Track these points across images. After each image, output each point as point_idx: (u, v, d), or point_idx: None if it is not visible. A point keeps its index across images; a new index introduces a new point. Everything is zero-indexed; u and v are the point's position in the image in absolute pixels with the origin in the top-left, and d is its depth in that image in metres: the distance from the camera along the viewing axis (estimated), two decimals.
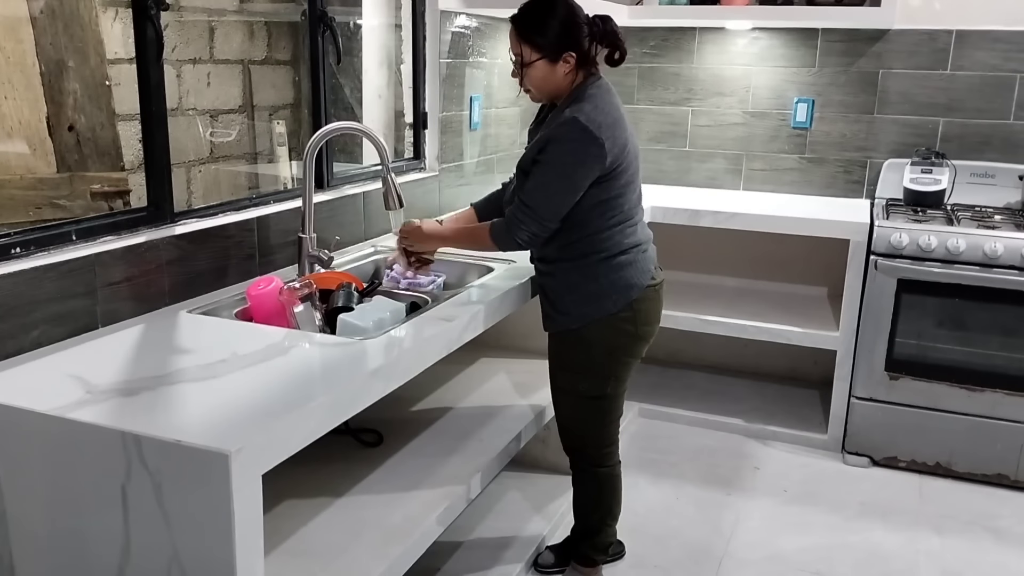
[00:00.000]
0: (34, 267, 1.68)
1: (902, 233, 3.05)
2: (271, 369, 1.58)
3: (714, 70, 3.81)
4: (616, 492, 2.36)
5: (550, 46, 2.03)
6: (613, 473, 2.33)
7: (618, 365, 2.20)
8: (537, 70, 2.07)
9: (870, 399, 3.20)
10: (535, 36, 2.04)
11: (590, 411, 2.24)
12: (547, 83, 2.09)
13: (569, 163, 2.00)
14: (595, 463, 2.32)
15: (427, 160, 3.11)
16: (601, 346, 2.16)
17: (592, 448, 2.30)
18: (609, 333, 2.15)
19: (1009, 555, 2.70)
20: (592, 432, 2.28)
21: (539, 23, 2.03)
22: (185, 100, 2.92)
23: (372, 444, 2.18)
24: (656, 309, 2.22)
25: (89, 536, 1.39)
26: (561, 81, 2.08)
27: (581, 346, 2.17)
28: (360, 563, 1.71)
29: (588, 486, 2.35)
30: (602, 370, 2.19)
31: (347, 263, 2.42)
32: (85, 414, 1.36)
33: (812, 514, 2.90)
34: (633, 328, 2.16)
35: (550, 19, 2.02)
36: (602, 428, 2.27)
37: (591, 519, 2.38)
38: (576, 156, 1.99)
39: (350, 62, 3.16)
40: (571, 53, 2.04)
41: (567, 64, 2.05)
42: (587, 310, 2.13)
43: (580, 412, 2.26)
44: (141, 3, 1.94)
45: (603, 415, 2.25)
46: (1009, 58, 3.40)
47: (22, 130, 2.38)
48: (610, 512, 2.37)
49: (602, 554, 2.44)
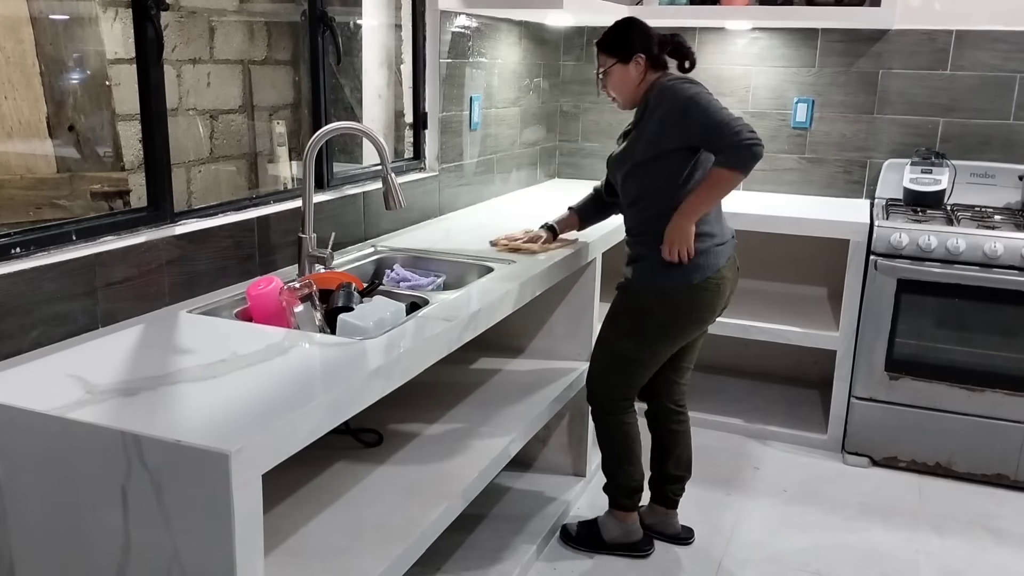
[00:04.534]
0: (34, 267, 1.68)
1: (902, 233, 3.05)
2: (271, 369, 1.58)
3: (714, 70, 3.81)
4: (628, 440, 2.55)
5: (622, 51, 2.36)
6: (625, 421, 2.53)
7: (659, 339, 2.41)
8: (615, 74, 2.38)
9: (870, 399, 3.20)
10: (609, 46, 2.39)
11: (618, 368, 2.47)
12: (624, 83, 2.38)
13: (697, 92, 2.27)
14: (606, 411, 2.53)
15: (427, 160, 3.11)
16: (652, 316, 2.38)
17: (604, 397, 2.52)
18: (660, 305, 2.36)
19: (1009, 555, 2.70)
20: (611, 384, 2.50)
21: (612, 36, 2.39)
22: (185, 100, 2.92)
23: (372, 444, 2.18)
24: (711, 301, 2.38)
25: (89, 536, 1.39)
26: (636, 80, 2.37)
27: (635, 310, 2.41)
28: (360, 563, 1.71)
29: (603, 433, 2.57)
30: (643, 337, 2.41)
31: (347, 263, 2.43)
32: (85, 414, 1.36)
33: (812, 514, 2.90)
34: (689, 310, 2.35)
35: (620, 31, 2.38)
36: (622, 384, 2.49)
37: (609, 464, 2.59)
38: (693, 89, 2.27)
39: (350, 62, 3.16)
40: (640, 55, 2.35)
41: (639, 65, 2.35)
42: (651, 281, 2.37)
43: (610, 365, 2.49)
44: (141, 3, 1.94)
45: (627, 376, 2.47)
46: (1009, 58, 3.40)
47: (22, 130, 2.38)
48: (625, 458, 2.55)
49: (626, 498, 2.60)
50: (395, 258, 2.55)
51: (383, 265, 2.52)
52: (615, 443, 2.55)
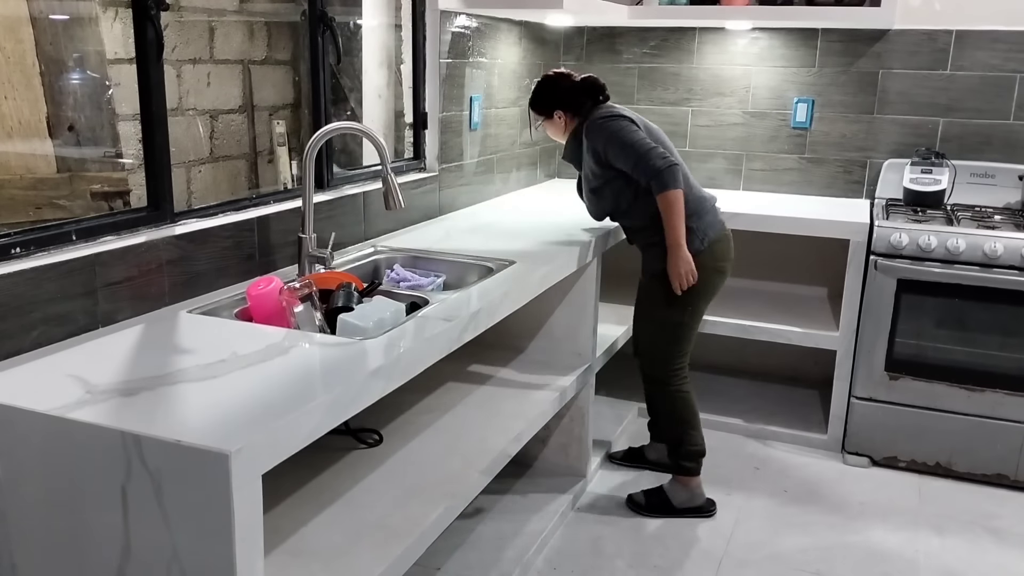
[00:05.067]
0: (34, 267, 1.68)
1: (902, 233, 3.05)
2: (271, 369, 1.58)
3: (714, 70, 3.81)
4: (689, 407, 2.80)
5: (544, 110, 2.77)
6: (683, 389, 2.79)
7: (697, 298, 2.69)
8: (547, 127, 2.81)
9: (870, 399, 3.20)
10: (535, 105, 2.79)
11: (669, 337, 2.74)
12: (555, 132, 2.81)
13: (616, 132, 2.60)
14: (666, 382, 2.78)
15: (427, 160, 3.11)
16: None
17: (663, 368, 2.77)
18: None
19: (1009, 555, 2.70)
20: (667, 354, 2.75)
21: (535, 96, 2.78)
22: (185, 100, 2.92)
23: (372, 444, 2.18)
24: (729, 249, 2.74)
25: (89, 536, 1.39)
26: (563, 127, 2.77)
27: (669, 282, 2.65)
28: (360, 563, 1.71)
29: (663, 404, 2.83)
30: (684, 301, 2.68)
31: (347, 263, 2.43)
32: (85, 414, 1.36)
33: (812, 514, 2.90)
34: (712, 263, 2.66)
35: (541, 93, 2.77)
36: (676, 352, 2.75)
37: (674, 433, 2.82)
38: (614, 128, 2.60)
39: (350, 62, 3.16)
40: (559, 112, 2.74)
41: (560, 118, 2.75)
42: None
43: (661, 337, 2.75)
44: (141, 3, 1.94)
45: (679, 341, 2.75)
46: (1009, 58, 3.40)
47: (22, 130, 2.38)
48: (689, 423, 2.80)
49: (692, 462, 2.83)
50: (395, 258, 2.55)
51: (383, 265, 2.52)
52: (677, 411, 2.79)
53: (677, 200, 2.54)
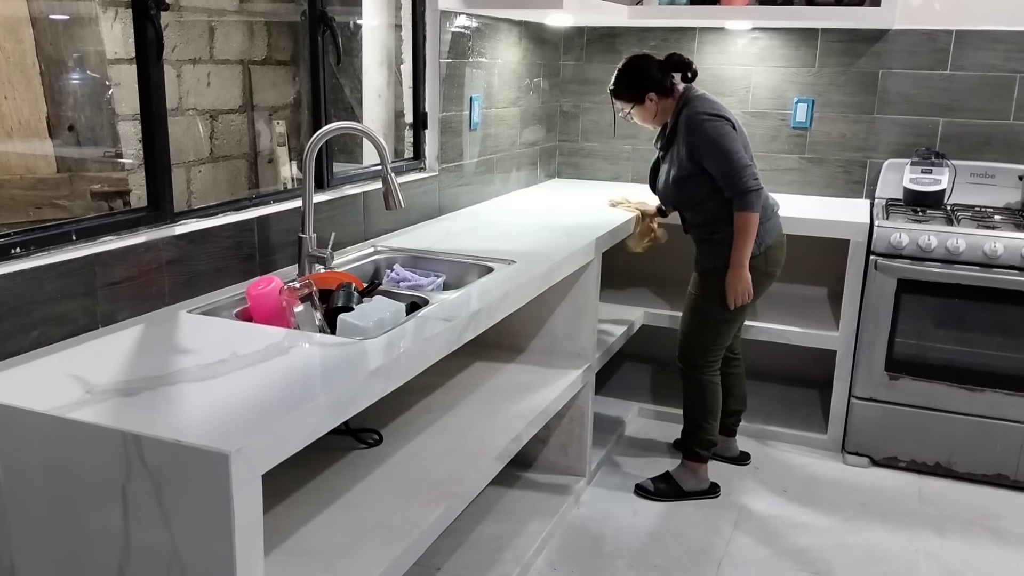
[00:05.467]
0: (34, 267, 1.68)
1: (902, 233, 3.05)
2: (271, 369, 1.58)
3: (714, 70, 3.81)
4: (715, 397, 2.93)
5: (634, 96, 2.76)
6: (712, 381, 2.92)
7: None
8: (636, 114, 2.81)
9: (870, 399, 3.20)
10: (622, 94, 2.78)
11: (712, 330, 2.87)
12: (646, 118, 2.81)
13: (715, 136, 2.65)
14: (700, 370, 2.91)
15: (427, 160, 3.11)
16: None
17: (701, 357, 2.90)
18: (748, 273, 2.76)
19: (1009, 555, 2.70)
20: (707, 345, 2.89)
21: (621, 83, 2.78)
22: (185, 100, 2.92)
23: (372, 444, 2.18)
24: (782, 254, 2.87)
25: (89, 536, 1.39)
26: (654, 112, 2.78)
27: (723, 279, 2.75)
28: (360, 563, 1.71)
29: (692, 390, 2.95)
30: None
31: (347, 263, 2.43)
32: (85, 414, 1.36)
33: (812, 514, 2.90)
34: (764, 267, 2.80)
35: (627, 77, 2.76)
36: (715, 344, 2.89)
37: (695, 419, 2.95)
38: (714, 132, 2.65)
39: (350, 62, 3.16)
40: (651, 94, 2.74)
41: (652, 101, 2.75)
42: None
43: (707, 329, 2.87)
44: (141, 3, 1.94)
45: (719, 335, 2.87)
46: (1009, 58, 3.40)
47: (22, 130, 2.38)
48: (710, 413, 2.93)
49: (704, 450, 2.96)
50: (395, 258, 2.55)
51: (383, 265, 2.52)
52: (703, 399, 2.92)
53: (753, 224, 2.67)
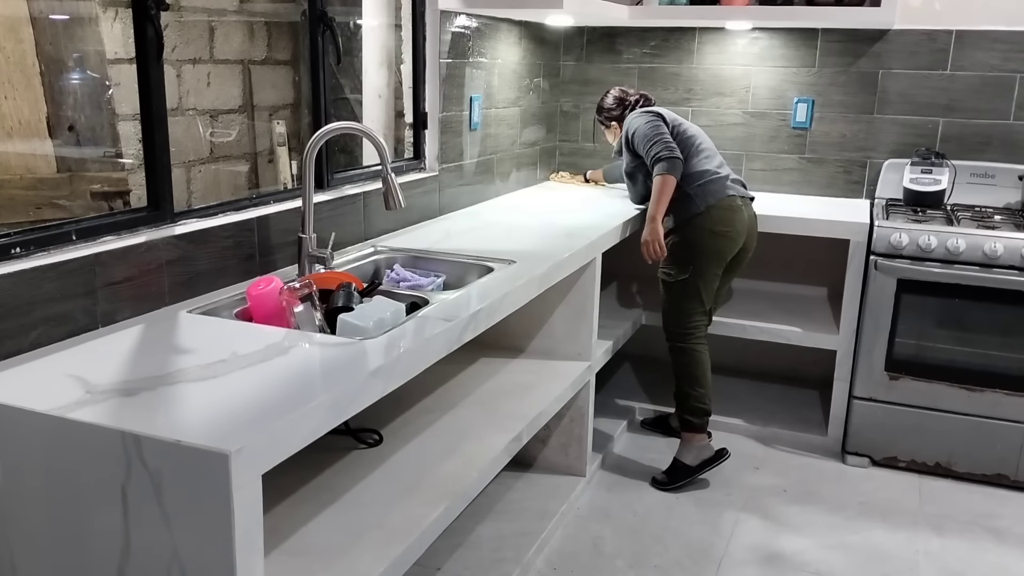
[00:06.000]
0: (34, 267, 1.68)
1: (902, 233, 3.05)
2: (271, 369, 1.58)
3: (714, 70, 3.81)
4: (699, 365, 3.02)
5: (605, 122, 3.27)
6: (694, 349, 3.01)
7: (697, 257, 2.94)
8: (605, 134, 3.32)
9: (870, 399, 3.20)
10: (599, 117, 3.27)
11: (678, 295, 2.99)
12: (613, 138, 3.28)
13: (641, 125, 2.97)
14: (679, 339, 3.02)
15: (427, 160, 3.11)
16: (687, 240, 2.94)
17: (676, 325, 3.02)
18: (691, 230, 2.93)
19: (1009, 555, 2.70)
20: (678, 312, 3.01)
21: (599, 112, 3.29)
22: (185, 100, 2.92)
23: (372, 444, 2.18)
24: (733, 218, 2.94)
25: (89, 536, 1.39)
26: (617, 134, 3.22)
27: (677, 242, 2.96)
28: (360, 563, 1.71)
29: (677, 360, 3.04)
30: (685, 262, 2.95)
31: (347, 263, 2.43)
32: (85, 414, 1.36)
33: (812, 514, 2.90)
34: (710, 225, 2.90)
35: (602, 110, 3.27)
36: (686, 310, 2.99)
37: (681, 388, 3.04)
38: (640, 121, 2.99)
39: (350, 62, 3.16)
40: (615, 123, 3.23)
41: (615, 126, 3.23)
42: (681, 215, 2.94)
43: (672, 296, 3.01)
44: (141, 3, 1.94)
45: (687, 299, 2.98)
46: (1009, 58, 3.40)
47: (22, 130, 2.38)
48: (696, 381, 3.01)
49: (696, 418, 3.02)
50: (395, 258, 2.55)
51: (383, 265, 2.52)
52: (686, 366, 3.01)
53: (667, 185, 2.85)
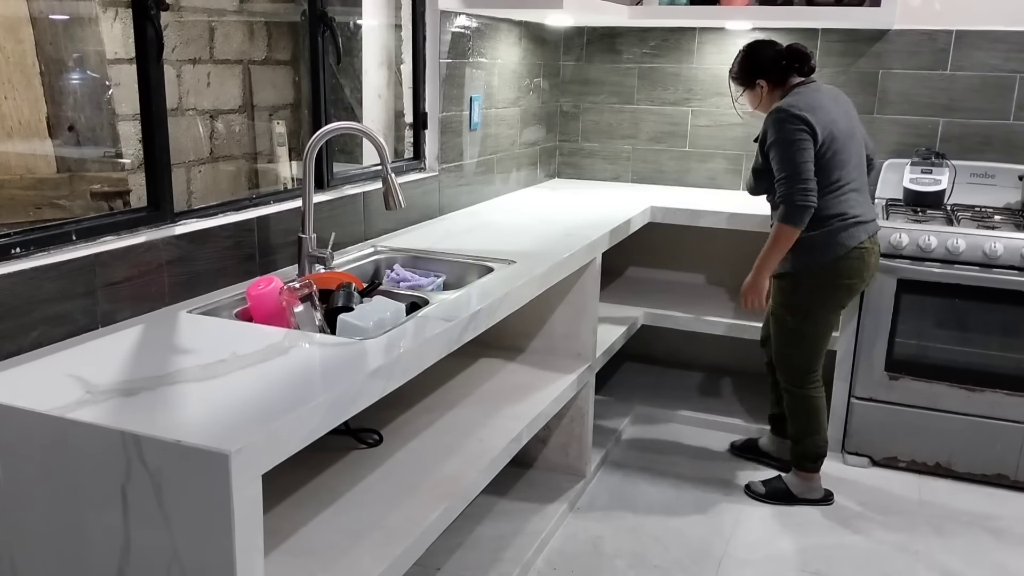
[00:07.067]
0: (34, 267, 1.68)
1: (902, 233, 3.05)
2: (271, 369, 1.58)
3: (714, 70, 3.81)
4: (815, 411, 2.89)
5: (745, 81, 2.84)
6: (811, 395, 2.88)
7: (819, 309, 2.78)
8: (746, 98, 2.89)
9: (870, 399, 3.20)
10: (736, 77, 2.87)
11: (793, 343, 2.85)
12: (754, 103, 2.88)
13: (786, 137, 2.63)
14: (795, 384, 2.89)
15: (427, 160, 3.11)
16: (805, 288, 2.76)
17: (791, 372, 2.88)
18: (811, 279, 2.74)
19: (1009, 555, 2.70)
20: (793, 359, 2.87)
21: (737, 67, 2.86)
22: (185, 100, 2.92)
23: (372, 444, 2.18)
24: (857, 268, 2.74)
25: (89, 536, 1.39)
26: (764, 99, 2.83)
27: (795, 290, 2.78)
28: (360, 563, 1.71)
29: (792, 405, 2.92)
30: (807, 312, 2.78)
31: (347, 263, 2.43)
32: (85, 414, 1.36)
33: (812, 514, 2.90)
34: (834, 279, 2.73)
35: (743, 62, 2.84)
36: (801, 357, 2.85)
37: (797, 432, 2.92)
38: (786, 132, 2.63)
39: (350, 62, 3.16)
40: (761, 81, 2.81)
41: (761, 88, 2.82)
42: (804, 265, 2.73)
43: (788, 343, 2.86)
44: (141, 3, 1.94)
45: (803, 348, 2.84)
46: (1009, 58, 3.40)
47: (22, 130, 2.38)
48: (812, 428, 2.90)
49: (810, 462, 2.94)
50: (395, 258, 2.55)
51: (383, 265, 2.52)
52: (801, 414, 2.89)
53: (784, 237, 2.67)
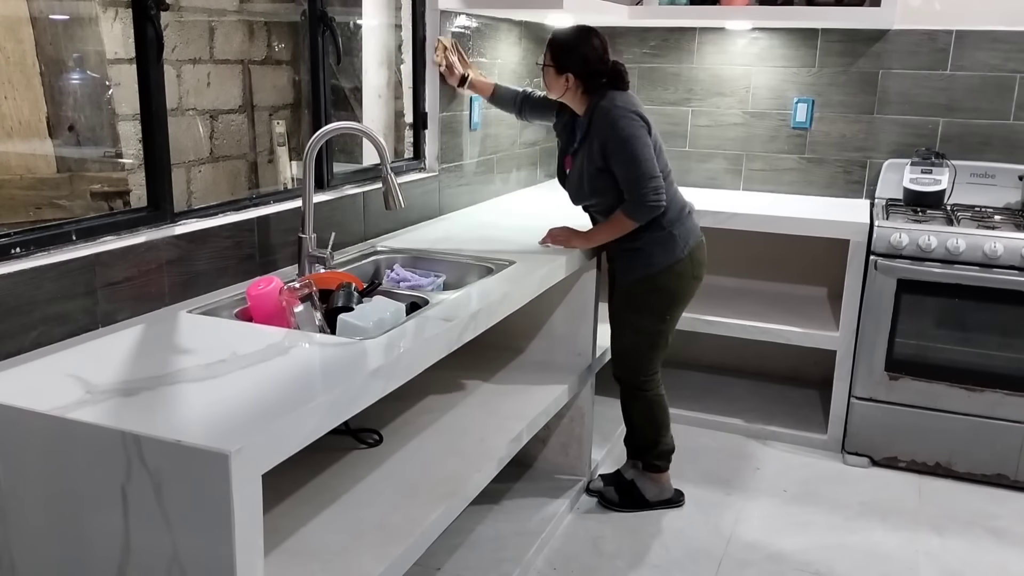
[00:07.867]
0: (34, 267, 1.68)
1: (902, 233, 3.05)
2: (271, 369, 1.58)
3: (714, 70, 3.81)
4: (661, 410, 2.84)
5: (557, 60, 2.55)
6: (659, 393, 2.83)
7: (675, 306, 2.71)
8: (547, 73, 2.60)
9: (870, 399, 3.20)
10: (552, 48, 2.57)
11: (646, 344, 2.74)
12: (552, 86, 2.61)
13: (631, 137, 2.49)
14: (641, 387, 2.80)
15: (427, 160, 3.11)
16: (666, 288, 2.67)
17: (637, 374, 2.78)
18: (672, 278, 2.65)
19: (1009, 555, 2.70)
20: (643, 360, 2.77)
21: (558, 42, 2.56)
22: (185, 100, 2.92)
23: (372, 444, 2.18)
24: (704, 255, 2.73)
25: (89, 536, 1.39)
26: (562, 88, 2.57)
27: (650, 290, 2.67)
28: (360, 563, 1.71)
29: (638, 408, 2.83)
30: (662, 310, 2.70)
31: (347, 263, 2.43)
32: (85, 414, 1.36)
33: (812, 514, 2.90)
34: (691, 271, 2.67)
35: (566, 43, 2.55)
36: (651, 358, 2.77)
37: (646, 434, 2.84)
38: (634, 134, 2.49)
39: (350, 62, 3.16)
40: (569, 75, 2.54)
41: (568, 81, 2.55)
42: (658, 262, 2.63)
43: (638, 344, 2.75)
44: (141, 3, 1.94)
45: (655, 348, 2.75)
46: (1009, 58, 3.40)
47: (22, 130, 2.38)
48: (662, 425, 2.84)
49: (664, 461, 2.88)
50: (395, 258, 2.55)
51: (383, 265, 2.52)
52: (655, 415, 2.83)
53: (626, 229, 2.57)
